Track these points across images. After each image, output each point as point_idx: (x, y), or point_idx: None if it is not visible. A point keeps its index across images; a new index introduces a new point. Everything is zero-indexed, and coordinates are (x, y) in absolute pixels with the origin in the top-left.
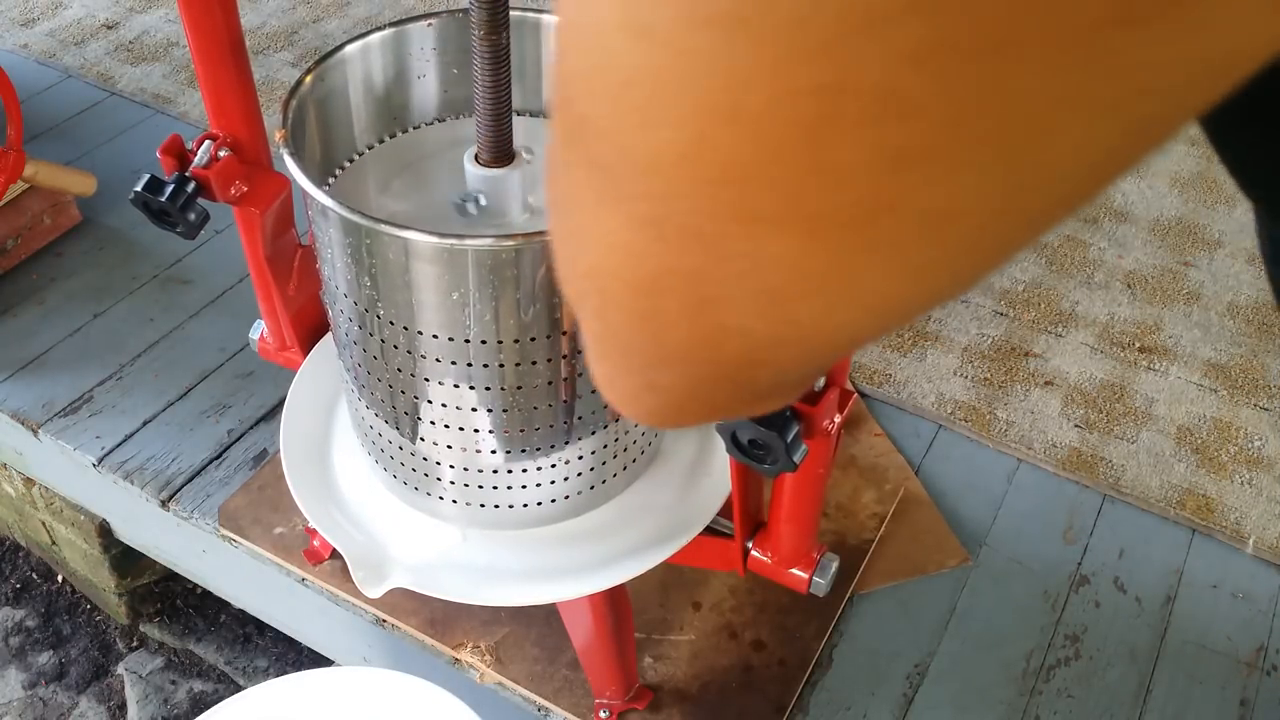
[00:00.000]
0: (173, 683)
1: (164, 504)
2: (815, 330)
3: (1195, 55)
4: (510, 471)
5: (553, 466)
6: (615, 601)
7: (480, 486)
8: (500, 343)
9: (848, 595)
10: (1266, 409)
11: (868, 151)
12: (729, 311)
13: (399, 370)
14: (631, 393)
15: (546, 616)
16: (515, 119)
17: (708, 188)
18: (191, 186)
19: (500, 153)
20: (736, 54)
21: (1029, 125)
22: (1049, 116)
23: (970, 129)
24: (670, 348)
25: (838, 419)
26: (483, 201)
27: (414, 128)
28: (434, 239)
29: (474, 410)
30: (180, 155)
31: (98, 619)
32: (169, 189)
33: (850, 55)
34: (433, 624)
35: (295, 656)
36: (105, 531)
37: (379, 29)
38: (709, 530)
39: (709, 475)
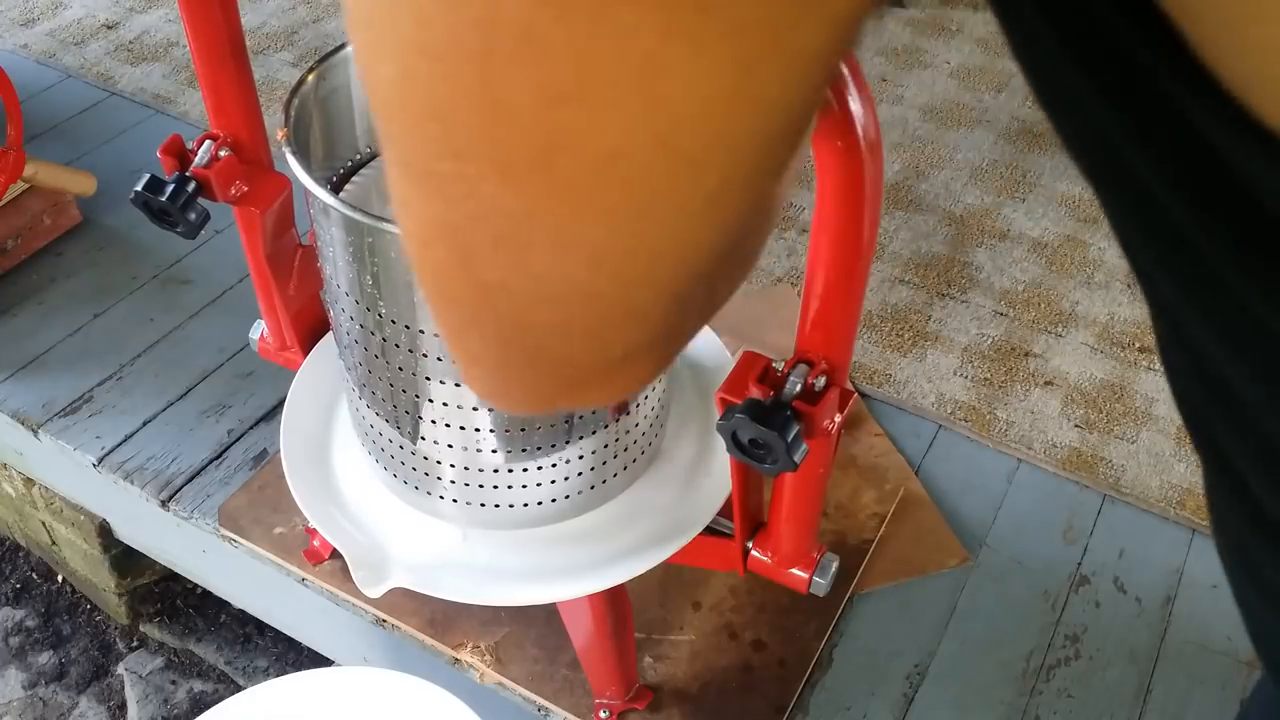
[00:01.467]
0: (173, 683)
1: (164, 504)
2: (563, 286)
3: None
4: (510, 471)
5: (553, 466)
6: (615, 601)
7: (480, 486)
8: None
9: (848, 595)
10: None
11: (524, 89)
12: (483, 263)
13: (400, 370)
14: (462, 365)
15: (546, 616)
16: None
17: (422, 124)
18: (192, 186)
19: None
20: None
21: (643, 61)
22: (658, 54)
23: (596, 65)
24: (456, 307)
25: (838, 419)
26: None
27: None
28: None
29: (474, 410)
30: (181, 155)
31: (98, 619)
32: (169, 188)
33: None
34: (433, 624)
35: (295, 656)
36: (105, 531)
37: None
38: (709, 530)
39: (709, 475)
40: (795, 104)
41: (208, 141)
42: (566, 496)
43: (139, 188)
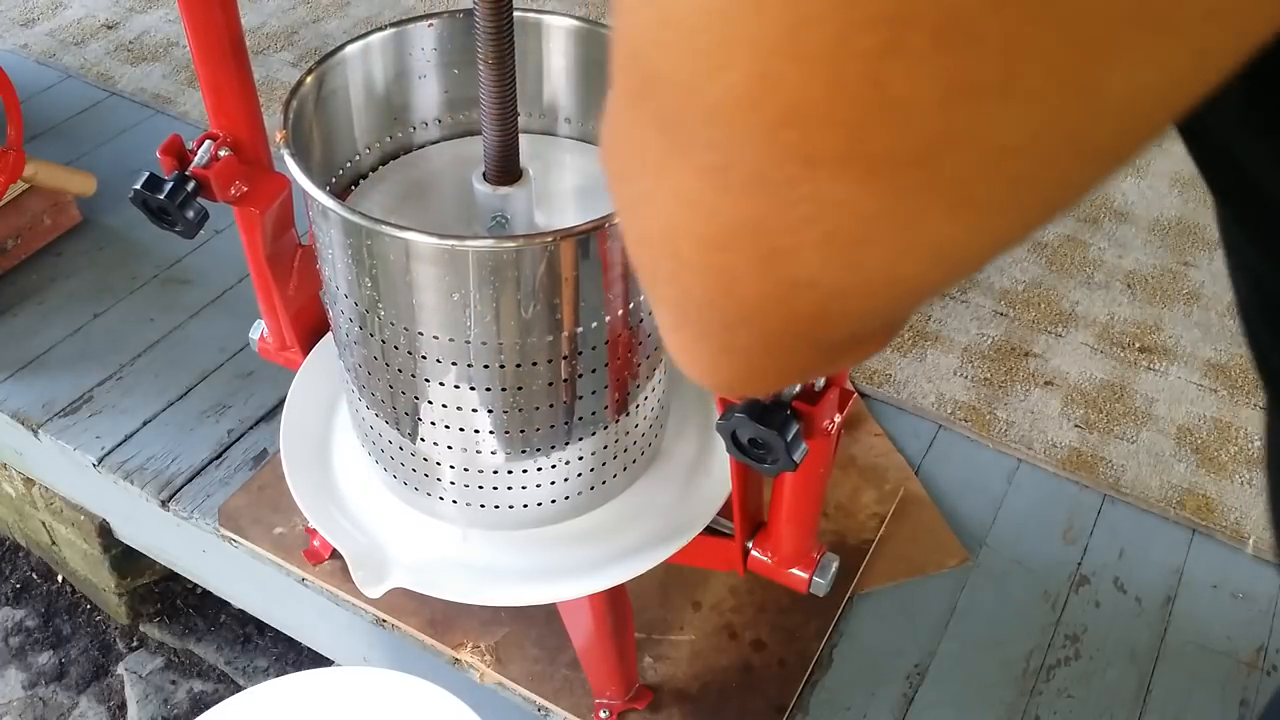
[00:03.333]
0: (173, 683)
1: (164, 504)
2: (883, 278)
3: None
4: (510, 472)
5: (553, 467)
6: (615, 601)
7: (480, 487)
8: (501, 343)
9: (848, 595)
10: (1266, 409)
11: (930, 84)
12: (797, 263)
13: (399, 371)
14: (709, 359)
15: (546, 616)
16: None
17: (771, 131)
18: (191, 185)
19: (508, 172)
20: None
21: (1090, 50)
22: (1110, 40)
23: (1031, 56)
24: (744, 304)
25: (838, 419)
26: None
27: (414, 128)
28: (435, 240)
29: (474, 410)
30: (180, 155)
31: (98, 619)
32: (168, 187)
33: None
34: (433, 624)
35: (295, 656)
36: (105, 531)
37: (380, 29)
38: (709, 530)
39: (709, 475)
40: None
41: (207, 141)
42: (566, 496)
43: (138, 186)
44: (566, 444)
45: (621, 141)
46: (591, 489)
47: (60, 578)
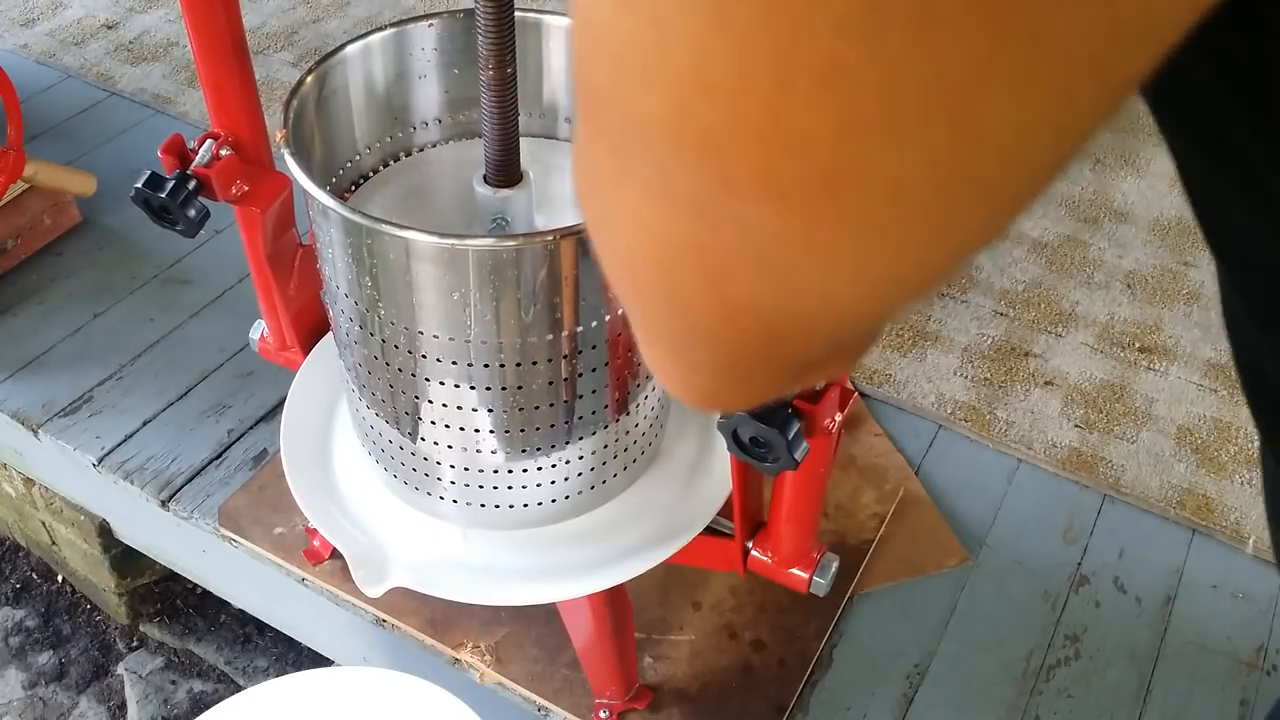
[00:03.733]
0: (173, 683)
1: (164, 504)
2: (819, 303)
3: (1111, 20)
4: (510, 471)
5: (553, 466)
6: (615, 601)
7: (480, 486)
8: (501, 343)
9: (848, 595)
10: None
11: (820, 120)
12: (736, 283)
13: (399, 370)
14: (679, 376)
15: (546, 616)
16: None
17: (693, 154)
18: (192, 184)
19: (509, 174)
20: (704, 23)
21: (959, 94)
22: (976, 85)
23: (906, 98)
24: (695, 324)
25: (838, 418)
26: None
27: (414, 128)
28: (435, 239)
29: (474, 410)
30: (181, 154)
31: (98, 619)
32: (170, 186)
33: (797, 23)
34: (433, 624)
35: (295, 656)
36: (105, 531)
37: (380, 29)
38: (709, 530)
39: (709, 475)
40: (1101, 127)
41: (208, 141)
42: (567, 496)
43: (139, 185)
44: (567, 444)
45: (583, 159)
46: (591, 489)
47: (60, 578)
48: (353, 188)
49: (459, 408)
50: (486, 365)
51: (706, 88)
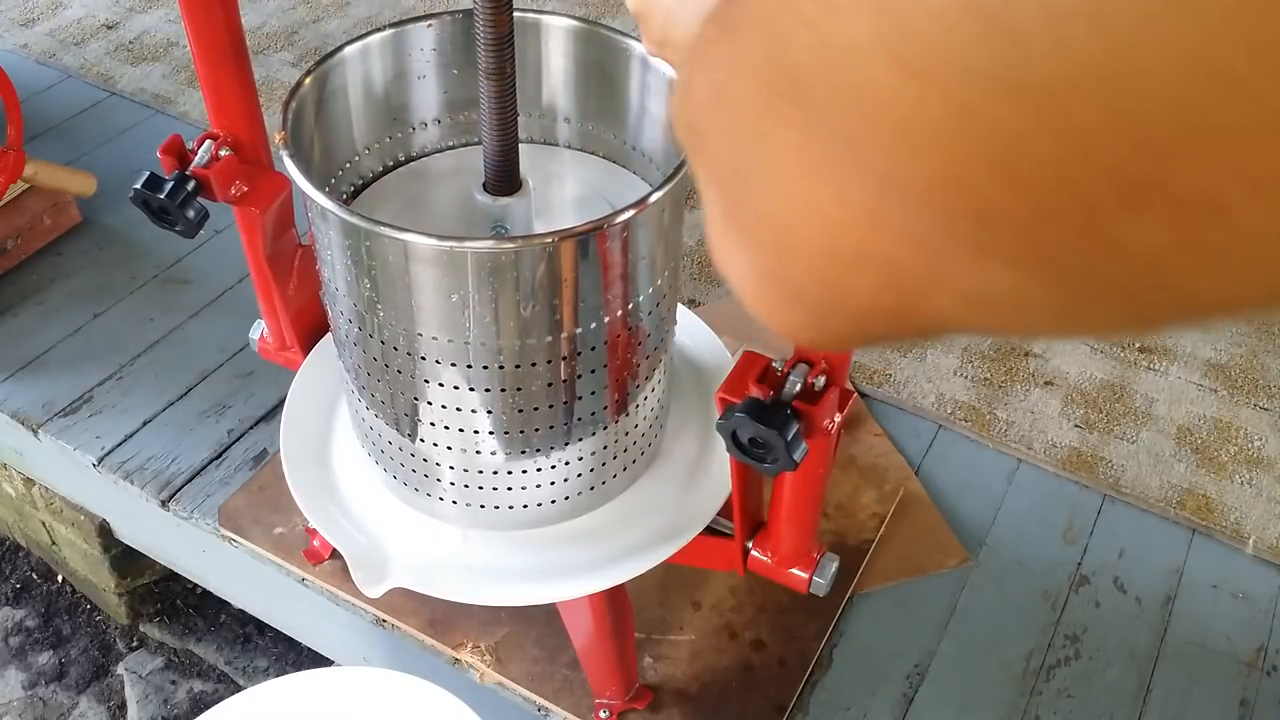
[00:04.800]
0: (173, 683)
1: (164, 504)
2: (1011, 331)
3: None
4: (510, 472)
5: (552, 467)
6: (615, 601)
7: (480, 487)
8: (500, 344)
9: (848, 595)
10: (1266, 409)
11: (1155, 233)
12: (927, 302)
13: (399, 371)
14: (792, 325)
15: (546, 616)
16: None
17: (950, 216)
18: (191, 184)
19: (508, 183)
20: (1019, 118)
21: None
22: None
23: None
24: (850, 309)
25: (838, 418)
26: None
27: (413, 129)
28: (433, 241)
29: (474, 411)
30: (180, 155)
31: (98, 619)
32: (169, 186)
33: (1137, 139)
34: (433, 624)
35: (295, 656)
36: (105, 531)
37: (379, 30)
38: (709, 530)
39: (709, 475)
40: None
41: (208, 141)
42: (566, 497)
43: (138, 185)
44: (566, 444)
45: (744, 112)
46: (591, 489)
47: (60, 578)
48: (352, 189)
49: (458, 409)
50: (486, 367)
51: (1009, 177)
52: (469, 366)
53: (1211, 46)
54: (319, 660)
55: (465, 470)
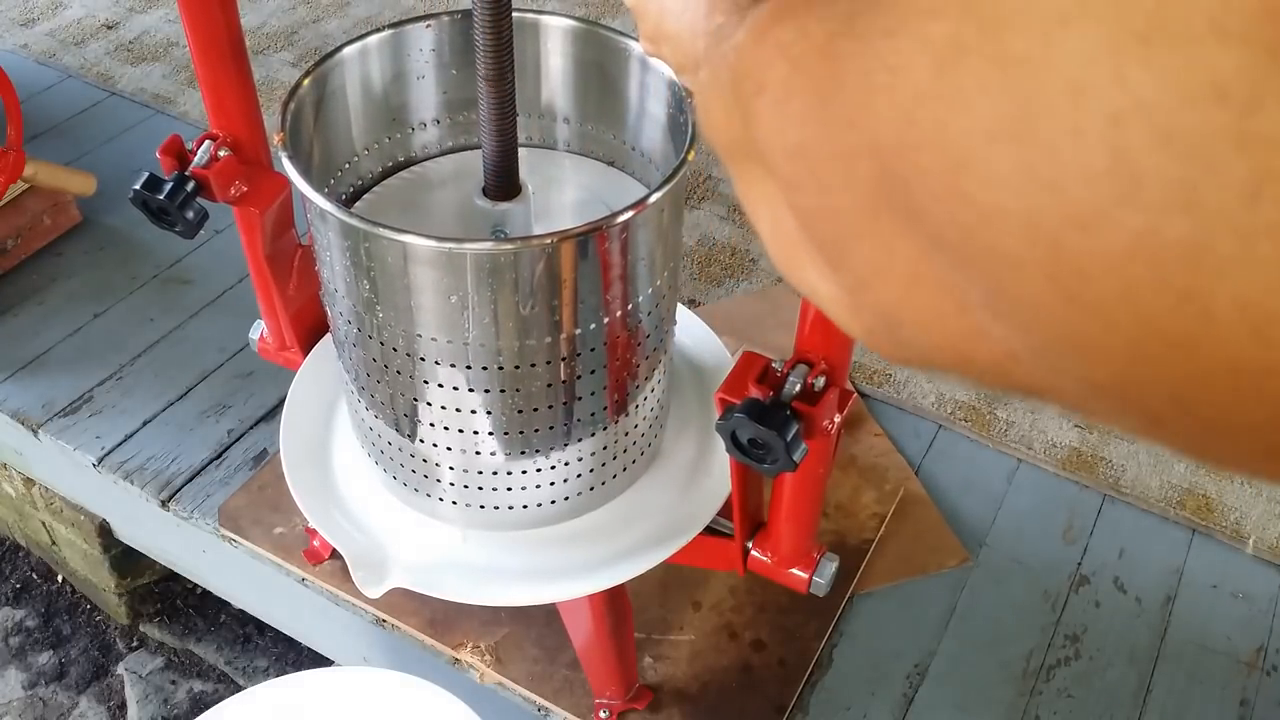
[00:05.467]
0: (173, 683)
1: (164, 504)
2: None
3: None
4: (510, 472)
5: (552, 468)
6: (615, 601)
7: (480, 487)
8: (499, 345)
9: (848, 595)
10: None
11: None
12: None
13: (398, 372)
14: (888, 354)
15: (546, 616)
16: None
17: (1114, 411)
18: (191, 185)
19: (508, 187)
20: (1207, 386)
21: None
22: None
23: None
24: (957, 374)
25: (837, 419)
26: (506, 233)
27: (412, 129)
28: (432, 242)
29: (473, 412)
30: (180, 155)
31: (98, 619)
32: (168, 187)
33: None
34: (433, 624)
35: (295, 656)
36: (105, 531)
37: (377, 30)
38: (709, 530)
39: (709, 475)
40: None
41: (207, 141)
42: (566, 497)
43: (137, 186)
44: (566, 445)
45: (833, 190)
46: (591, 489)
47: (60, 578)
48: (351, 189)
49: (458, 409)
50: (485, 368)
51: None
52: (468, 367)
53: None
54: (319, 660)
55: (465, 470)
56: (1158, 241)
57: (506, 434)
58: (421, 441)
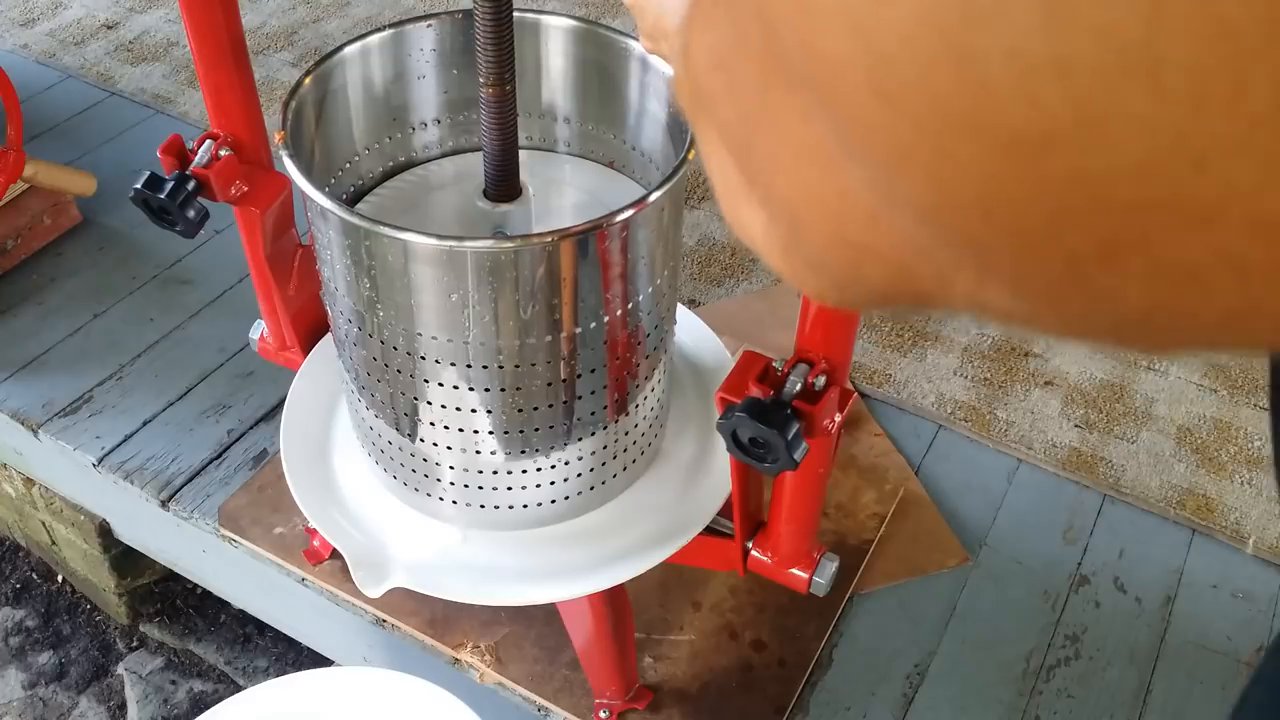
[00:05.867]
0: (173, 683)
1: (164, 504)
2: (1024, 332)
3: None
4: (510, 472)
5: (552, 467)
6: (615, 601)
7: (480, 487)
8: (500, 344)
9: (848, 595)
10: (1266, 409)
11: (1137, 291)
12: (940, 298)
13: (399, 371)
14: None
15: (546, 616)
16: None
17: (948, 238)
18: (191, 184)
19: (509, 190)
20: (995, 162)
21: None
22: None
23: None
24: (869, 288)
25: (838, 418)
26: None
27: (413, 129)
28: (433, 241)
29: (474, 411)
30: (180, 155)
31: (98, 619)
32: (169, 186)
33: (1109, 201)
34: (433, 624)
35: (295, 656)
36: (105, 531)
37: (378, 30)
38: (709, 530)
39: (709, 475)
40: None
41: (208, 141)
42: (566, 497)
43: (138, 185)
44: (566, 444)
45: (741, 84)
46: (591, 489)
47: (60, 578)
48: (352, 189)
49: (458, 409)
50: (485, 366)
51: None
52: (469, 366)
53: (1172, 121)
54: (319, 660)
55: (465, 470)
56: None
57: (506, 433)
58: (421, 441)
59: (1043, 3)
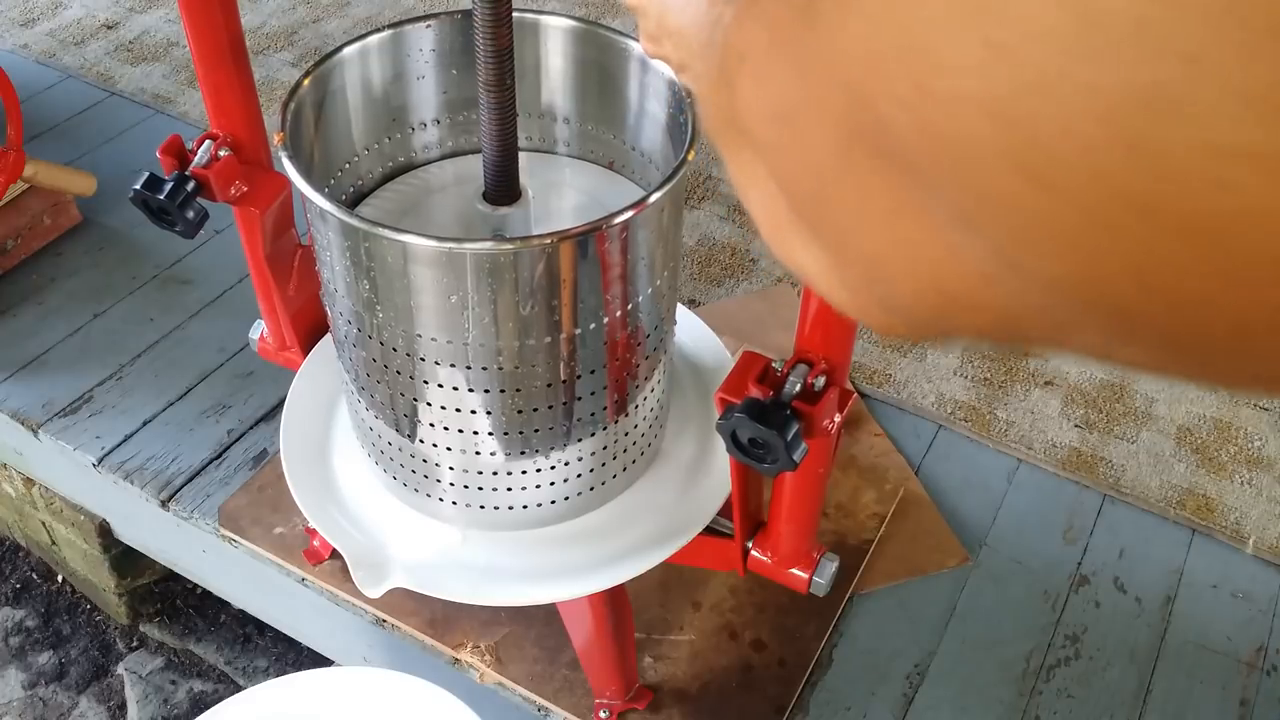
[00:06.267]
0: (173, 683)
1: (164, 504)
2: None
3: None
4: (510, 472)
5: (552, 468)
6: (615, 601)
7: (480, 487)
8: (499, 345)
9: (848, 595)
10: (1266, 409)
11: None
12: (1042, 344)
13: (398, 372)
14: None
15: (546, 616)
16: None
17: (1084, 306)
18: (191, 185)
19: (508, 192)
20: (1168, 241)
21: None
22: None
23: None
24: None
25: (838, 418)
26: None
27: (412, 129)
28: (432, 242)
29: (473, 411)
30: (180, 155)
31: (98, 619)
32: (168, 187)
33: None
34: (433, 624)
35: (295, 656)
36: (105, 531)
37: (378, 30)
38: (709, 530)
39: (709, 475)
40: None
41: (207, 141)
42: (566, 497)
43: (137, 186)
44: (566, 444)
45: (810, 143)
46: (591, 489)
47: (60, 578)
48: (352, 189)
49: (458, 409)
50: (485, 368)
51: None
52: (468, 367)
53: None
54: (319, 660)
55: (465, 470)
56: (1110, 91)
57: (506, 434)
58: (421, 441)
59: (1237, 95)
